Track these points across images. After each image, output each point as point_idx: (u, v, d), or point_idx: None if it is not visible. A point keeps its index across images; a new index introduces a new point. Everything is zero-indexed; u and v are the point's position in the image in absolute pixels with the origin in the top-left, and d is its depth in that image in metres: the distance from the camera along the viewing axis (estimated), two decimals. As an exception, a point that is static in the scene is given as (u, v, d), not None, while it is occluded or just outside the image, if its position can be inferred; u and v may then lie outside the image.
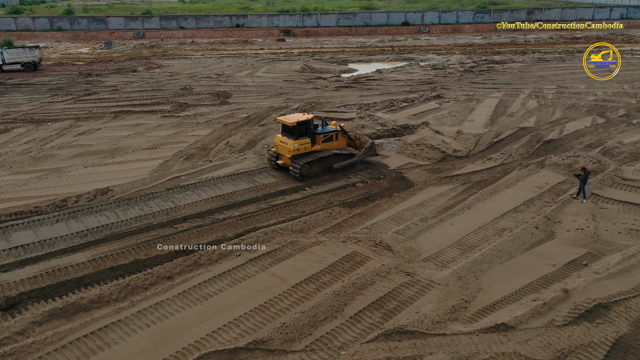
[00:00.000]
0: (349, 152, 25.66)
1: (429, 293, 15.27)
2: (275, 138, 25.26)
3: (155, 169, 25.80)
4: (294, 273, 16.35)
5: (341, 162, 25.10)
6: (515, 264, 17.24)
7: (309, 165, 24.00)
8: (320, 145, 24.97)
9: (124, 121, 34.52)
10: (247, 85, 45.72)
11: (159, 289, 15.38)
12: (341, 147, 26.02)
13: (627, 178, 23.50)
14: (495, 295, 15.42)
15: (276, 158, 24.99)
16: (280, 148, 24.65)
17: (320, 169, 24.63)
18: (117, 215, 20.53)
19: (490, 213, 20.90)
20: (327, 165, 24.83)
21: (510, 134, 30.67)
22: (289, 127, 24.06)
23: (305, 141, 24.24)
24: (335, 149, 25.29)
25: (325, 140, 25.23)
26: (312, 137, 24.72)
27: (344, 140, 26.21)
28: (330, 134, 25.46)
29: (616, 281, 15.67)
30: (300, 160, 23.78)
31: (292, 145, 23.81)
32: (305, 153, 24.29)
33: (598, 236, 18.63)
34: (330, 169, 24.84)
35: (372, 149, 25.77)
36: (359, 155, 25.68)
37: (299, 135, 24.06)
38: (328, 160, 24.81)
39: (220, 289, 15.55)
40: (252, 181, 24.10)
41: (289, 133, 24.24)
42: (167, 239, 18.63)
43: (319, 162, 24.49)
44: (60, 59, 63.65)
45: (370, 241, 18.27)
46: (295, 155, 23.97)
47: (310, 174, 24.19)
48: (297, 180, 23.74)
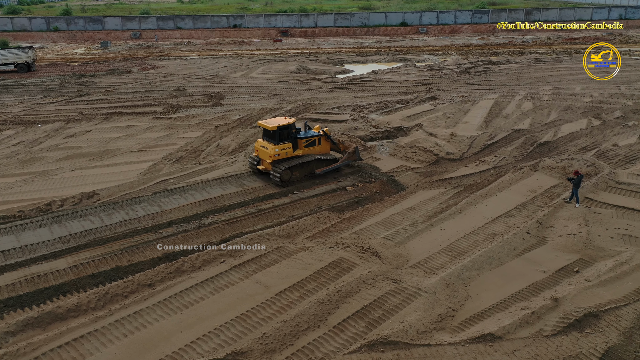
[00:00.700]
0: (332, 157, 25.00)
1: (415, 301, 14.91)
2: (256, 142, 24.65)
3: (143, 172, 25.44)
4: (278, 280, 16.00)
5: (324, 167, 24.49)
6: (505, 270, 16.89)
7: (289, 171, 23.42)
8: (303, 150, 24.42)
9: (115, 123, 34.16)
10: (241, 87, 45.37)
11: (139, 297, 15.02)
12: (324, 152, 25.41)
13: (622, 182, 23.14)
14: (483, 304, 15.07)
15: (257, 163, 24.44)
16: (261, 153, 24.05)
17: (302, 175, 24.07)
18: (101, 220, 20.16)
19: (481, 217, 20.55)
20: (309, 170, 24.22)
21: (505, 136, 30.32)
22: (269, 131, 23.50)
23: (286, 146, 23.68)
24: (318, 154, 24.68)
25: (308, 145, 24.64)
26: (294, 142, 24.17)
27: (327, 145, 25.63)
28: (313, 139, 24.85)
29: (607, 289, 15.31)
30: (281, 166, 23.21)
31: (273, 150, 23.27)
32: (286, 158, 23.71)
33: (590, 242, 18.28)
34: (312, 174, 24.27)
35: (355, 153, 25.21)
36: (342, 161, 25.07)
37: (280, 139, 23.51)
38: (310, 166, 24.21)
39: (202, 296, 15.19)
40: (241, 184, 23.74)
41: (270, 138, 23.68)
42: (152, 244, 18.27)
43: (301, 168, 23.90)
44: (55, 60, 63.29)
45: (357, 247, 17.92)
46: (276, 161, 23.41)
47: (291, 180, 23.61)
48: (278, 186, 23.15)
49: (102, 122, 34.29)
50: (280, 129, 23.38)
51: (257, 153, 24.51)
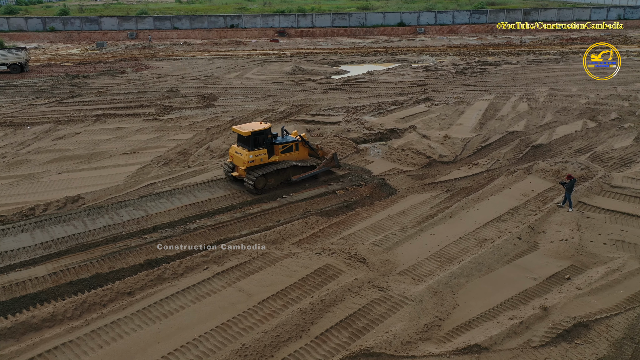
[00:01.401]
0: (309, 164, 24.13)
1: (401, 310, 14.52)
2: (231, 148, 23.72)
3: (131, 175, 25.06)
4: (261, 288, 15.61)
5: (300, 174, 23.69)
6: (494, 277, 16.50)
7: (264, 178, 22.60)
8: (279, 156, 23.52)
9: (105, 125, 33.77)
10: (235, 88, 44.97)
11: (118, 305, 14.63)
12: (302, 158, 24.54)
13: (616, 185, 22.77)
14: (471, 312, 14.68)
15: (232, 169, 23.61)
16: (236, 159, 23.11)
17: (278, 182, 23.24)
18: (84, 225, 19.77)
19: (472, 222, 20.17)
20: (286, 177, 23.41)
21: (499, 138, 29.93)
22: (243, 137, 22.58)
23: (261, 152, 22.75)
24: (294, 161, 23.86)
25: (285, 150, 23.75)
26: (270, 148, 23.31)
27: (305, 151, 24.73)
28: (290, 144, 23.96)
29: (598, 297, 14.93)
30: (256, 173, 22.35)
31: (247, 157, 22.35)
32: (261, 165, 22.83)
33: (582, 248, 17.90)
34: (288, 181, 23.43)
35: (334, 160, 24.44)
36: (319, 167, 24.20)
37: (255, 145, 22.59)
38: (286, 173, 23.38)
39: (182, 305, 14.81)
40: (230, 188, 23.34)
41: (244, 143, 22.74)
42: (135, 250, 17.89)
43: (276, 175, 23.08)
44: (49, 60, 62.90)
45: (344, 253, 17.53)
46: (250, 167, 22.55)
47: (267, 187, 22.79)
48: (252, 193, 22.33)
49: (92, 124, 33.90)
50: (254, 135, 22.44)
51: (231, 159, 23.61)
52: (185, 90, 43.65)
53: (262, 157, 22.79)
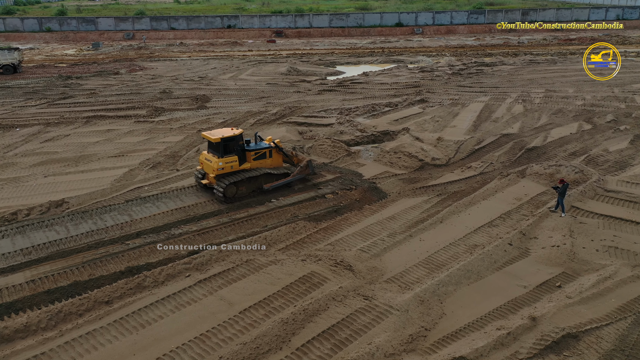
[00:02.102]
0: (282, 172, 23.23)
1: (386, 320, 14.12)
2: (201, 155, 22.92)
3: (118, 178, 24.66)
4: (243, 297, 15.21)
5: (273, 182, 22.80)
6: (484, 285, 16.10)
7: (234, 186, 21.75)
8: (252, 164, 22.68)
9: (95, 127, 33.37)
10: (229, 89, 44.58)
11: (94, 315, 14.23)
12: (276, 165, 23.70)
13: (610, 189, 22.36)
14: (458, 322, 14.27)
15: (203, 177, 22.78)
16: (206, 166, 22.26)
17: (250, 190, 22.37)
18: (67, 230, 19.37)
19: (463, 227, 19.76)
20: (258, 185, 22.55)
21: (493, 140, 29.53)
22: (213, 143, 21.80)
23: (231, 159, 21.88)
24: (268, 168, 23.04)
25: (257, 157, 22.91)
26: (242, 155, 22.47)
27: (279, 158, 23.88)
28: (263, 151, 23.13)
29: (589, 307, 14.53)
30: (225, 181, 21.48)
31: (216, 164, 21.53)
32: (231, 172, 21.96)
33: (574, 254, 17.49)
34: (261, 190, 22.57)
35: (308, 167, 23.58)
36: (293, 175, 23.26)
37: (225, 152, 21.74)
38: (258, 180, 22.52)
39: (161, 315, 14.40)
40: (217, 192, 22.92)
41: (214, 150, 21.96)
42: (117, 257, 17.49)
43: (248, 183, 22.20)
44: (44, 61, 62.49)
45: (330, 260, 17.12)
46: (220, 175, 21.70)
47: (237, 196, 21.91)
48: (222, 202, 21.46)
49: (82, 126, 33.49)
50: (224, 141, 21.59)
51: (201, 166, 22.83)
52: (178, 92, 43.25)
53: (232, 164, 21.92)
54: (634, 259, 17.11)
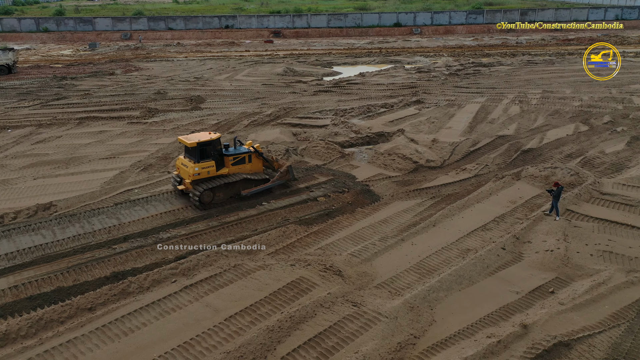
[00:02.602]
0: (262, 177, 22.70)
1: (374, 327, 13.81)
2: (177, 160, 22.45)
3: (108, 181, 24.36)
4: (230, 303, 14.90)
5: (252, 188, 22.24)
6: (475, 291, 15.79)
7: (211, 192, 21.23)
8: (230, 169, 22.11)
9: (88, 128, 33.07)
10: (224, 90, 44.28)
11: (76, 322, 13.92)
12: (256, 170, 23.07)
13: (606, 192, 22.06)
14: (448, 329, 13.97)
15: (180, 182, 22.21)
16: (182, 171, 21.81)
17: (227, 196, 21.80)
18: (53, 234, 19.07)
19: (456, 231, 19.46)
20: (236, 191, 22.02)
21: (488, 142, 29.23)
22: (189, 148, 21.33)
23: (208, 164, 21.33)
24: (247, 173, 22.45)
25: (236, 162, 22.30)
26: (219, 160, 21.95)
27: (258, 163, 23.25)
28: (241, 156, 22.48)
29: (582, 313, 14.23)
30: (202, 186, 20.99)
31: (192, 169, 21.02)
32: (208, 178, 21.44)
33: (568, 259, 17.18)
34: (239, 196, 22.06)
35: (289, 173, 23.14)
36: (272, 181, 22.76)
37: (201, 157, 21.19)
38: (236, 186, 21.99)
39: (145, 322, 14.09)
40: (208, 195, 22.61)
41: (190, 155, 21.49)
42: (103, 261, 17.19)
43: (225, 188, 21.68)
44: (39, 62, 62.18)
45: (320, 265, 16.82)
46: (196, 180, 21.19)
47: (214, 202, 21.42)
48: (199, 208, 20.99)
49: (74, 127, 33.19)
50: (200, 146, 21.04)
51: (178, 171, 22.37)
52: (173, 92, 42.96)
53: (209, 169, 21.38)
54: (628, 263, 16.81)
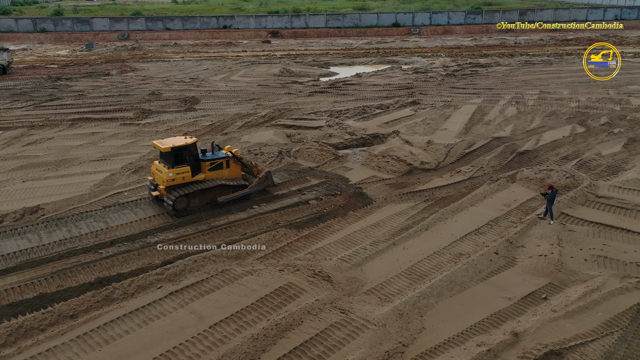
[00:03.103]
0: (240, 183, 21.96)
1: (362, 335, 13.50)
2: (152, 165, 21.71)
3: (98, 183, 24.06)
4: (215, 310, 14.59)
5: (228, 194, 21.55)
6: (467, 297, 15.49)
7: (185, 198, 20.52)
8: (207, 174, 21.41)
9: (80, 129, 32.76)
10: (219, 90, 43.97)
11: (57, 330, 13.61)
12: (234, 176, 22.34)
13: (602, 195, 21.75)
14: (438, 337, 13.66)
15: (155, 188, 21.52)
16: (157, 177, 21.12)
17: (203, 203, 21.12)
18: (39, 239, 18.75)
19: (449, 235, 19.16)
20: (212, 197, 21.33)
21: (484, 144, 28.92)
22: (163, 153, 20.60)
23: (183, 170, 20.59)
24: (224, 179, 21.72)
25: (213, 168, 21.61)
26: (195, 165, 21.21)
27: (237, 168, 22.52)
28: (219, 161, 21.80)
29: (574, 321, 13.92)
30: (176, 192, 20.29)
31: (166, 174, 20.33)
32: (183, 184, 20.69)
33: (562, 264, 16.87)
34: (215, 202, 21.34)
35: (268, 179, 22.46)
36: (250, 187, 22.04)
37: (176, 162, 20.49)
38: (212, 192, 21.27)
39: (127, 330, 13.79)
40: (198, 198, 22.30)
41: (165, 160, 20.80)
42: (88, 267, 16.88)
43: (201, 195, 20.98)
44: (35, 62, 61.87)
45: (309, 270, 16.51)
46: (171, 186, 20.49)
47: (190, 209, 20.73)
48: (173, 216, 20.33)
49: (66, 129, 32.88)
50: (175, 151, 20.29)
51: (153, 177, 21.69)
52: (168, 93, 42.65)
53: (184, 175, 20.68)
54: (623, 269, 16.51)
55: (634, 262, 16.81)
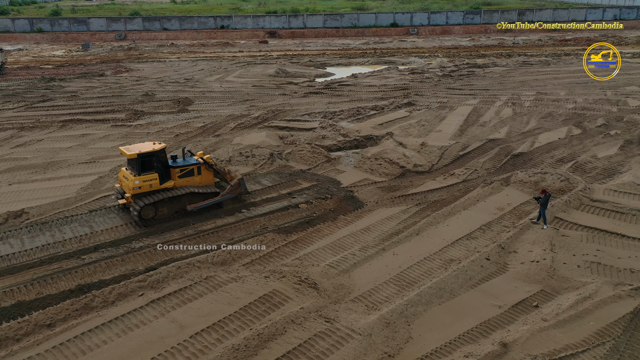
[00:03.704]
0: (212, 191, 21.14)
1: (346, 345, 13.12)
2: (120, 172, 21.02)
3: (85, 186, 23.70)
4: (197, 318, 14.21)
5: (199, 202, 20.71)
6: (456, 305, 15.11)
7: (153, 207, 19.78)
8: (177, 181, 20.68)
9: (71, 131, 32.39)
10: (213, 91, 43.59)
11: (32, 340, 13.23)
12: (206, 183, 21.61)
13: (596, 199, 21.36)
14: (425, 347, 13.29)
15: (123, 196, 20.87)
16: (124, 184, 20.41)
17: (172, 211, 20.38)
18: (21, 244, 18.38)
19: (440, 240, 18.78)
20: (182, 206, 20.56)
21: (478, 146, 28.53)
22: (130, 159, 19.97)
23: (150, 177, 19.84)
24: (195, 187, 20.99)
25: (183, 175, 20.87)
26: (165, 172, 20.47)
27: (209, 175, 21.74)
28: (190, 168, 21.06)
29: (565, 330, 13.54)
30: (142, 201, 19.55)
31: (133, 182, 19.61)
32: (151, 192, 19.93)
33: (554, 270, 16.49)
34: (185, 211, 20.54)
35: (240, 186, 21.57)
36: (222, 195, 21.22)
37: (143, 169, 19.72)
38: (182, 201, 20.50)
39: (105, 339, 13.40)
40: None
41: (132, 167, 20.13)
42: (70, 273, 16.49)
43: (170, 203, 20.21)
44: (30, 62, 61.50)
45: (295, 277, 16.12)
46: (138, 194, 19.77)
47: (158, 218, 19.99)
48: (140, 225, 19.57)
49: (57, 130, 32.52)
50: (141, 157, 19.51)
51: (120, 184, 21.04)
52: (161, 94, 42.27)
53: (152, 182, 19.91)
54: (616, 276, 16.12)
55: (628, 269, 16.44)
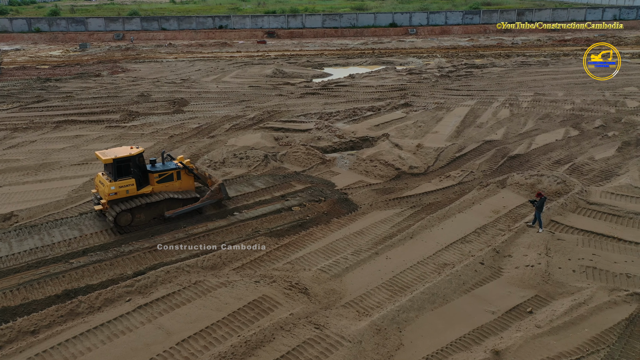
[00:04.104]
0: (191, 196, 20.66)
1: (335, 353, 12.85)
2: (96, 177, 20.48)
3: (76, 188, 23.44)
4: (184, 325, 13.94)
5: (177, 208, 20.17)
6: (449, 310, 14.84)
7: (129, 213, 19.31)
8: (155, 187, 20.16)
9: (64, 132, 32.13)
10: (209, 92, 43.33)
11: (15, 348, 12.97)
12: (186, 188, 21.07)
13: (593, 202, 21.09)
14: (416, 355, 13.03)
15: (99, 202, 20.18)
16: (100, 189, 19.91)
17: (150, 218, 19.91)
18: (9, 248, 18.12)
19: (434, 244, 18.51)
20: (160, 212, 20.10)
21: (475, 147, 28.26)
22: (105, 164, 19.52)
23: (127, 182, 19.30)
24: (174, 192, 20.50)
25: (162, 180, 20.36)
26: (142, 177, 20.00)
27: (189, 180, 21.21)
28: (168, 173, 20.48)
29: (559, 337, 13.27)
30: (118, 207, 19.04)
31: (108, 188, 19.08)
32: (127, 197, 19.43)
33: (549, 275, 16.22)
34: (163, 217, 20.05)
35: (221, 191, 20.97)
36: (201, 200, 20.63)
37: (119, 174, 19.16)
38: (160, 207, 20.03)
39: (90, 346, 13.14)
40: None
41: (108, 172, 19.64)
42: (57, 277, 16.24)
43: (147, 209, 19.74)
44: (26, 63, 61.24)
45: (286, 282, 15.86)
46: (114, 200, 19.24)
47: (134, 225, 19.54)
48: (116, 232, 19.13)
49: (50, 132, 32.26)
50: (117, 162, 18.97)
51: (96, 190, 20.56)
52: (157, 95, 42.01)
53: (128, 188, 19.39)
54: (612, 281, 15.86)
55: (624, 274, 16.18)
